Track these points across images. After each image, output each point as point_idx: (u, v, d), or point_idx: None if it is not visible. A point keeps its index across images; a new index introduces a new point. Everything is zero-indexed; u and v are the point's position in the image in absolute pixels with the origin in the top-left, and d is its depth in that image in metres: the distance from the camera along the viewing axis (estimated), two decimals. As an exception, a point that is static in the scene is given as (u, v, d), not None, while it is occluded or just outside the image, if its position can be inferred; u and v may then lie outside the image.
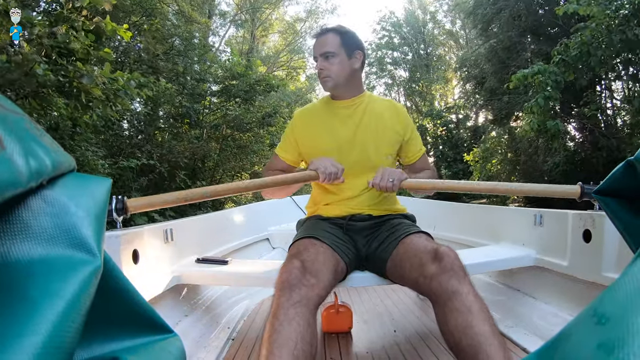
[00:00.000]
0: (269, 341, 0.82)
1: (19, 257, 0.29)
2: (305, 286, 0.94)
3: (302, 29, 21.07)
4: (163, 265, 1.39)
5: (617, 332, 0.26)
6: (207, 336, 1.44)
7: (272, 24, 20.37)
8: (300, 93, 17.87)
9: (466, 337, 0.84)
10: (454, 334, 0.87)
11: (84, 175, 0.41)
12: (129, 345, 0.43)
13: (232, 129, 9.98)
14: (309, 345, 0.84)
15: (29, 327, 0.26)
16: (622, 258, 1.16)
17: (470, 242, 2.05)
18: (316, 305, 0.96)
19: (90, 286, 0.32)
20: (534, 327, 1.39)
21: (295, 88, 18.99)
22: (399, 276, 1.16)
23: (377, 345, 1.42)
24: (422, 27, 22.90)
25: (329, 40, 1.33)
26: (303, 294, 0.92)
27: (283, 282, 0.94)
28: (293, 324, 0.85)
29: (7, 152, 0.27)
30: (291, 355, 0.79)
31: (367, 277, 1.27)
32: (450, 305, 0.90)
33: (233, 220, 2.51)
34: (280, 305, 0.89)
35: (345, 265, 1.19)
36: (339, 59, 1.33)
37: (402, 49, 23.31)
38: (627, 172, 0.68)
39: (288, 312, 0.87)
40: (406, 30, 23.10)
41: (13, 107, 0.33)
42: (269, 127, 10.65)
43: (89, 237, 0.34)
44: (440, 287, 0.94)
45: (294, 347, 0.81)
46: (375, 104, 1.42)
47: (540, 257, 1.50)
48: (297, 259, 1.02)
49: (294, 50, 20.96)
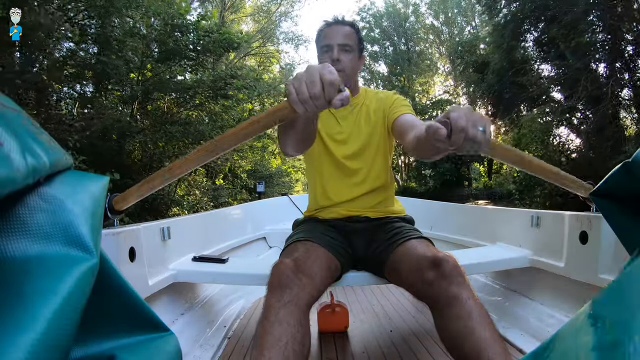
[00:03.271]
0: (260, 342, 0.82)
1: (15, 254, 0.29)
2: (297, 285, 0.93)
3: (277, 13, 19.30)
4: (160, 263, 1.39)
5: (613, 333, 0.26)
6: (203, 334, 1.44)
7: (243, 6, 18.62)
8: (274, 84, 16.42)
9: (467, 343, 0.83)
10: (454, 340, 0.86)
11: (81, 172, 0.41)
12: (126, 343, 0.43)
13: (175, 102, 7.48)
14: (300, 345, 0.83)
15: (25, 324, 0.26)
16: (619, 260, 1.17)
17: (467, 242, 2.06)
18: (308, 305, 0.95)
19: (87, 284, 0.32)
20: (530, 327, 1.39)
21: (268, 78, 17.65)
22: (396, 280, 1.15)
23: (373, 345, 1.42)
24: (403, 21, 22.28)
25: (349, 33, 1.25)
26: (295, 294, 0.91)
27: (274, 283, 0.93)
28: (284, 324, 0.84)
29: (4, 149, 0.27)
30: (281, 356, 0.79)
31: (363, 276, 1.27)
32: (449, 312, 0.89)
33: (230, 219, 2.51)
34: (270, 306, 0.88)
35: (340, 264, 1.18)
36: (353, 55, 1.26)
37: (381, 42, 22.64)
38: (624, 174, 0.68)
39: (279, 312, 0.87)
40: (386, 23, 22.47)
41: (10, 104, 0.33)
42: (224, 101, 8.02)
43: (85, 235, 0.34)
44: (440, 293, 0.93)
45: (284, 348, 0.80)
46: (367, 101, 1.38)
47: (536, 258, 1.50)
48: (289, 258, 1.01)
49: (267, 37, 19.23)
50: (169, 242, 1.47)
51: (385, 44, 22.71)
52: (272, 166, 15.41)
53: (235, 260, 1.57)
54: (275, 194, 15.74)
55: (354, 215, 1.33)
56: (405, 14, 22.61)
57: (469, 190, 21.02)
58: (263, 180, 12.79)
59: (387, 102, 1.35)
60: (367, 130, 1.35)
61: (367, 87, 1.44)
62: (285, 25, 23.50)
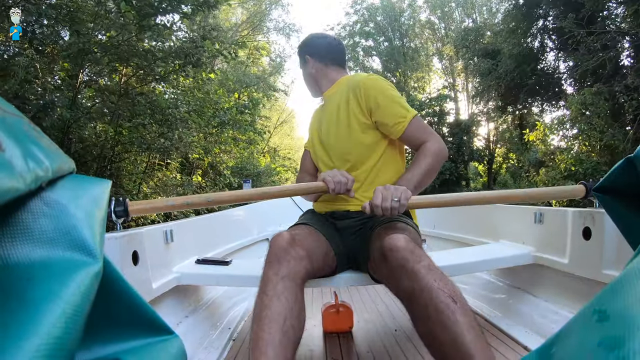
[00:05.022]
0: (259, 317, 0.83)
1: (19, 259, 0.29)
2: (294, 258, 0.95)
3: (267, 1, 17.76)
4: (163, 266, 1.39)
5: (618, 329, 0.26)
6: (207, 337, 1.44)
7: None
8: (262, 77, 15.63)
9: (432, 349, 0.80)
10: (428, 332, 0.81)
11: (84, 176, 0.41)
12: (130, 347, 0.43)
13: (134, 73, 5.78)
14: (297, 319, 0.85)
15: (30, 329, 0.26)
16: (622, 255, 1.16)
17: (470, 240, 2.06)
18: (304, 279, 0.96)
19: (91, 288, 0.32)
20: (535, 325, 1.39)
21: (257, 71, 16.83)
22: (377, 276, 1.11)
23: (378, 345, 1.42)
24: (398, 14, 21.59)
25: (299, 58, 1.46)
26: (291, 267, 0.93)
27: (271, 255, 0.96)
28: (282, 299, 0.86)
29: (6, 155, 0.27)
30: (280, 331, 0.80)
31: (366, 276, 1.27)
32: (410, 309, 0.85)
33: (233, 220, 2.51)
34: (268, 279, 0.90)
35: (335, 255, 1.20)
36: (302, 71, 1.46)
37: (376, 37, 21.92)
38: (627, 170, 0.68)
39: (277, 287, 0.88)
40: (380, 18, 21.82)
41: (11, 109, 0.33)
42: (194, 70, 6.33)
43: (89, 239, 0.34)
44: (397, 290, 0.90)
45: (283, 323, 0.82)
46: (335, 97, 1.34)
47: (540, 254, 1.50)
48: (286, 232, 1.03)
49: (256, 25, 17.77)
50: (172, 245, 1.47)
51: (379, 39, 22.01)
52: (261, 164, 14.50)
53: (239, 262, 1.57)
54: (263, 193, 15.32)
55: (344, 210, 1.30)
56: (401, 8, 22.16)
57: (467, 190, 20.20)
58: (250, 178, 12.25)
59: (363, 93, 1.25)
60: (339, 120, 1.30)
61: (348, 76, 1.40)
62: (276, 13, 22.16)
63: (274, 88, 17.37)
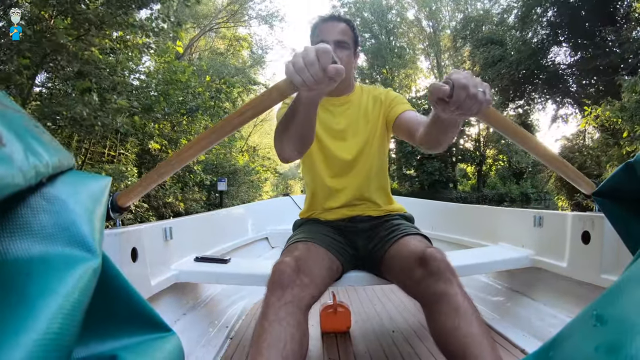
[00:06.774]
0: (259, 341, 0.81)
1: (17, 254, 0.29)
2: (298, 286, 0.93)
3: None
4: (162, 263, 1.39)
5: (616, 334, 0.26)
6: (205, 335, 1.44)
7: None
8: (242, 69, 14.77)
9: (454, 340, 0.83)
10: (442, 337, 0.86)
11: (83, 172, 0.41)
12: (127, 344, 0.43)
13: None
14: (298, 345, 0.83)
15: (27, 324, 0.26)
16: (621, 260, 1.16)
17: (469, 242, 2.06)
18: (308, 305, 0.94)
19: (89, 284, 0.32)
20: (533, 328, 1.39)
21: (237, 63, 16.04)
22: (391, 277, 1.16)
23: (375, 345, 1.42)
24: (386, 11, 21.51)
25: (345, 30, 1.23)
26: (295, 294, 0.91)
27: (274, 282, 0.92)
28: (283, 324, 0.84)
29: (6, 149, 0.27)
30: (280, 356, 0.78)
31: (365, 276, 1.27)
32: (437, 308, 0.89)
33: (232, 219, 2.51)
34: (270, 305, 0.88)
35: (341, 264, 1.18)
36: (349, 52, 1.24)
37: (362, 33, 21.43)
38: (627, 175, 0.68)
39: (279, 312, 0.86)
40: (367, 14, 21.70)
41: (12, 104, 0.33)
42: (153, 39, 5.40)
43: (88, 235, 0.34)
44: (428, 291, 0.93)
45: (283, 348, 0.80)
46: (364, 98, 1.36)
47: (539, 258, 1.50)
48: (290, 257, 1.00)
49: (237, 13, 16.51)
50: (171, 243, 1.47)
51: (366, 36, 21.74)
52: (239, 162, 13.88)
53: (237, 261, 1.57)
54: (241, 193, 13.66)
55: (357, 215, 1.33)
56: (388, 5, 21.91)
57: (457, 193, 19.49)
58: (225, 177, 11.28)
59: (386, 99, 1.34)
60: (366, 127, 1.33)
61: (362, 85, 1.42)
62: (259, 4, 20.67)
63: (254, 81, 16.34)
